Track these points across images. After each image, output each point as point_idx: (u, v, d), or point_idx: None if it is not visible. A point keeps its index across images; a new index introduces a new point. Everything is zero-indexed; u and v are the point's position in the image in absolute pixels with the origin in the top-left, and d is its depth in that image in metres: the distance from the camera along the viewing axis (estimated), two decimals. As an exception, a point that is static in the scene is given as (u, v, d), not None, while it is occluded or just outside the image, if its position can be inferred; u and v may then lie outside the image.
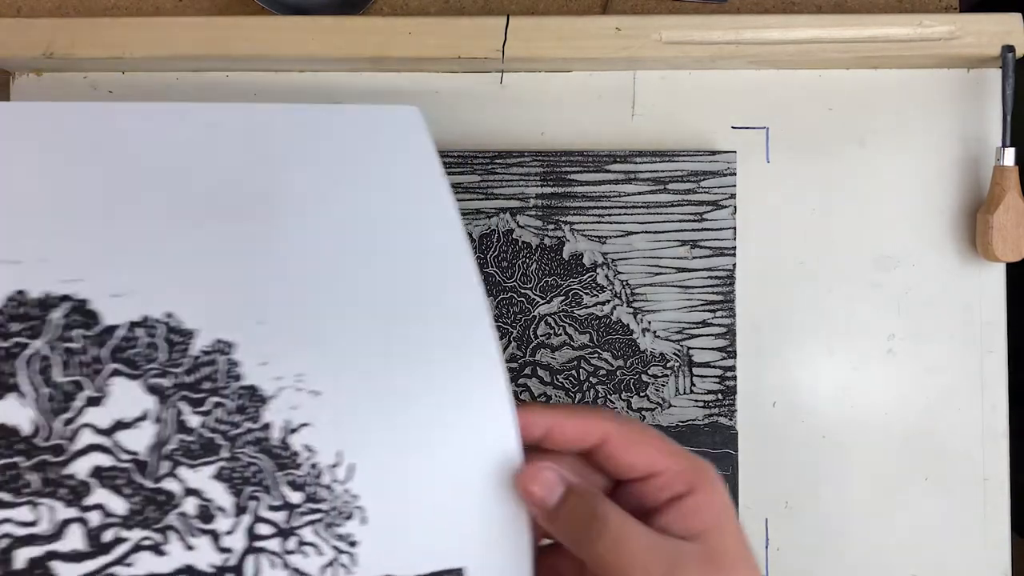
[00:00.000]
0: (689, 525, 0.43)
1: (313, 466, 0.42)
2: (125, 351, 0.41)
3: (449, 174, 0.60)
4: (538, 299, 0.65)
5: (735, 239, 0.66)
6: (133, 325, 0.41)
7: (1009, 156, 0.67)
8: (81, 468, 0.40)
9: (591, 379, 0.65)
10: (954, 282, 0.70)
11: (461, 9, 0.74)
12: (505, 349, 0.63)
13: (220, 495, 0.41)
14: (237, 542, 0.41)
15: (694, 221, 0.66)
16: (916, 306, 0.70)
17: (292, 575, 0.41)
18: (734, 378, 0.66)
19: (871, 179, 0.71)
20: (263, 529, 0.41)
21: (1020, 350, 0.71)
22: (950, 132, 0.71)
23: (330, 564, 0.42)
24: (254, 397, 0.42)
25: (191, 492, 0.41)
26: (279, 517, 0.41)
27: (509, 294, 0.65)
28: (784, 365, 0.69)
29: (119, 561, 0.40)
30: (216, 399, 0.41)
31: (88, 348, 0.41)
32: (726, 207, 0.66)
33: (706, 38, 0.66)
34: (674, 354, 0.66)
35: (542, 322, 0.65)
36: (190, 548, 0.41)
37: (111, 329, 0.41)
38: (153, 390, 0.41)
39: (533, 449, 0.45)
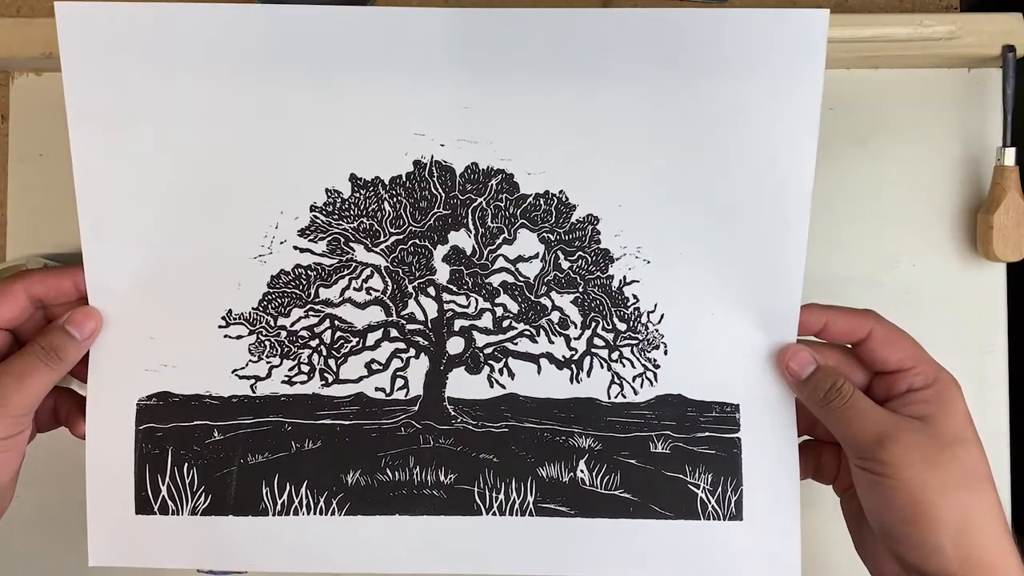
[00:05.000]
0: (918, 409, 0.54)
1: (636, 309, 0.60)
2: (531, 212, 0.60)
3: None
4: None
5: None
6: (538, 196, 0.60)
7: (1010, 156, 0.68)
8: (495, 280, 0.61)
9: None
10: (954, 282, 0.71)
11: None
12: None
13: (574, 314, 0.61)
14: (581, 346, 0.61)
15: None
16: (916, 306, 0.71)
17: (613, 376, 0.61)
18: None
19: (871, 179, 0.71)
20: (598, 342, 0.61)
21: (1020, 350, 0.72)
22: (950, 132, 0.71)
23: (640, 375, 0.61)
24: (606, 256, 0.60)
25: (556, 308, 0.61)
26: (609, 337, 0.61)
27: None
28: None
29: (510, 340, 0.61)
30: (581, 253, 0.60)
31: (509, 207, 0.60)
32: None
33: None
34: None
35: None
36: (551, 342, 0.61)
37: (524, 196, 0.60)
38: (543, 241, 0.60)
39: (821, 344, 0.58)
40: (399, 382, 0.61)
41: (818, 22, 0.56)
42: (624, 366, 0.61)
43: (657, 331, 0.60)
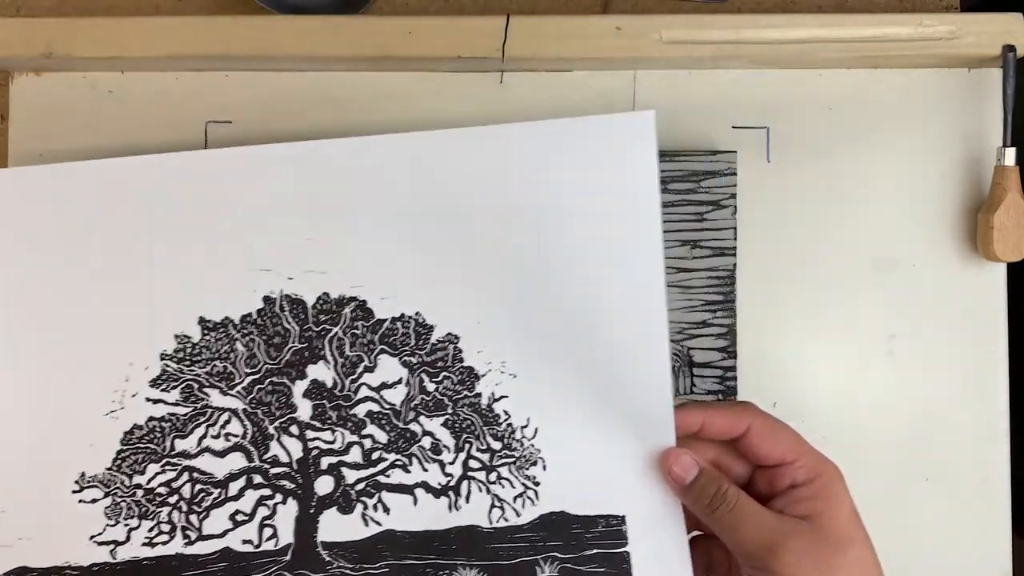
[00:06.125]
0: (804, 507, 0.52)
1: (509, 425, 0.58)
2: (389, 337, 0.59)
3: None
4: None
5: (735, 239, 0.67)
6: (394, 320, 0.59)
7: (1010, 156, 0.67)
8: (361, 410, 0.59)
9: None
10: (954, 282, 0.70)
11: (461, 9, 0.74)
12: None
13: (445, 437, 0.59)
14: (456, 470, 0.59)
15: (695, 221, 0.67)
16: (916, 306, 0.70)
17: (493, 499, 0.58)
18: (734, 378, 0.67)
19: (871, 179, 0.70)
20: (474, 464, 0.59)
21: (1020, 350, 0.71)
22: (950, 132, 0.70)
23: (520, 495, 0.58)
24: (471, 374, 0.59)
25: (427, 433, 0.59)
26: (485, 457, 0.58)
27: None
28: (784, 365, 0.69)
29: (382, 472, 0.58)
30: (446, 373, 0.59)
31: (366, 334, 0.58)
32: (727, 207, 0.67)
33: (706, 38, 0.66)
34: (674, 354, 0.67)
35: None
36: (425, 470, 0.58)
37: (380, 322, 0.59)
38: (405, 364, 0.59)
39: (693, 437, 0.55)
40: (267, 531, 0.58)
41: (645, 123, 0.56)
42: (503, 487, 0.58)
43: (533, 446, 0.58)
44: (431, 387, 0.59)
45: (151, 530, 0.57)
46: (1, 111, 0.75)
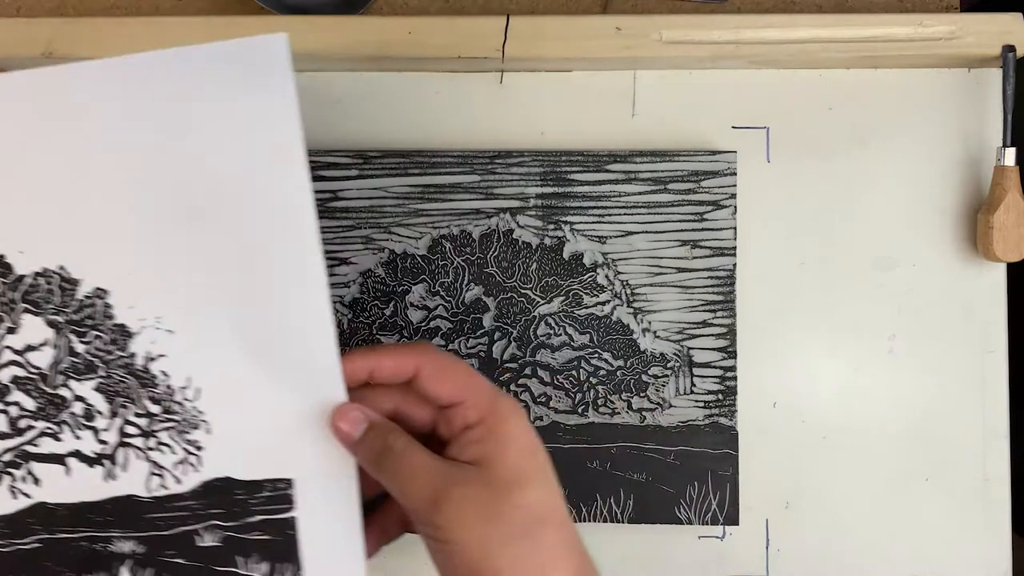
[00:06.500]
0: (474, 451, 0.48)
1: (168, 387, 0.53)
2: (31, 294, 0.53)
3: (449, 174, 0.66)
4: (538, 299, 0.67)
5: (735, 239, 0.66)
6: (36, 275, 0.53)
7: (1010, 156, 0.67)
8: (4, 376, 0.53)
9: (591, 379, 0.66)
10: (954, 282, 0.70)
11: (461, 9, 0.73)
12: (505, 349, 0.67)
13: (99, 402, 0.53)
14: (111, 437, 0.53)
15: (694, 221, 0.66)
16: (916, 306, 0.70)
17: (152, 466, 0.53)
18: (734, 378, 0.66)
19: (871, 179, 0.70)
20: (131, 430, 0.53)
21: (1020, 350, 0.71)
22: (950, 132, 0.70)
23: (181, 462, 0.52)
24: (123, 332, 0.53)
25: (78, 398, 0.53)
26: (143, 422, 0.53)
27: (509, 294, 0.66)
28: (784, 365, 0.69)
29: (29, 442, 0.53)
30: (96, 332, 0.53)
31: (5, 292, 0.54)
32: (726, 207, 0.66)
33: (706, 38, 0.66)
34: (674, 354, 0.66)
35: (542, 322, 0.67)
36: (78, 438, 0.53)
37: (21, 278, 0.53)
38: (51, 324, 0.53)
39: (367, 385, 0.51)
40: (-96, 510, 0.53)
41: (278, 47, 0.51)
42: (164, 453, 0.53)
43: (196, 408, 0.52)
44: (80, 348, 0.53)
45: None
46: (1, 111, 0.78)
